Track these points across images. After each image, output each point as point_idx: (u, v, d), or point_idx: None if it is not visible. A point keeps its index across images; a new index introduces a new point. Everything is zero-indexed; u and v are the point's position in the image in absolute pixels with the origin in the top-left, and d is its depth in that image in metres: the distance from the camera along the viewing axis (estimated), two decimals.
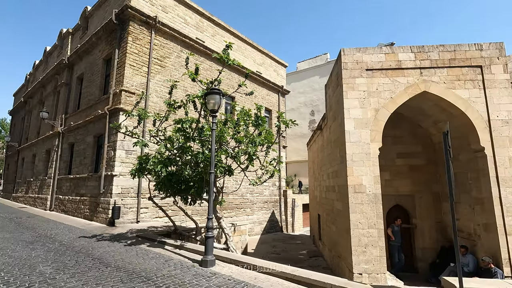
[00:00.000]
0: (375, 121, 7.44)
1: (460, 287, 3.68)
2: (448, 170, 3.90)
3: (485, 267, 6.58)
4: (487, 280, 5.11)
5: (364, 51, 7.81)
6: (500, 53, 7.44)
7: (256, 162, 7.72)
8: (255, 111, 7.92)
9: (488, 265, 6.49)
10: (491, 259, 6.58)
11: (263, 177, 7.81)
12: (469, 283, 4.03)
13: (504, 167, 6.93)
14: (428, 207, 9.13)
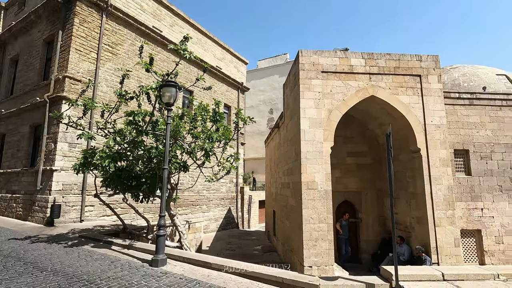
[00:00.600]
0: (328, 121, 7.83)
1: (395, 275, 4.06)
2: (389, 168, 4.25)
3: (417, 255, 7.37)
4: (418, 267, 5.72)
5: (320, 54, 8.14)
6: (435, 64, 8.33)
7: (213, 159, 7.62)
8: (213, 107, 7.79)
9: (420, 254, 7.28)
10: (422, 248, 7.39)
11: (219, 173, 7.73)
12: (403, 271, 4.47)
13: (435, 167, 7.81)
14: (373, 203, 9.92)
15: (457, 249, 7.44)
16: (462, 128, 8.62)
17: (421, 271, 4.54)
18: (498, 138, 8.62)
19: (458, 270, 4.58)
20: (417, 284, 4.08)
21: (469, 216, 8.24)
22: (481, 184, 8.38)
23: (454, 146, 8.52)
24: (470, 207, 8.27)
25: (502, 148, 8.59)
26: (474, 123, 8.66)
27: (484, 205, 8.30)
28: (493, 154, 8.54)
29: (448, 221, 7.57)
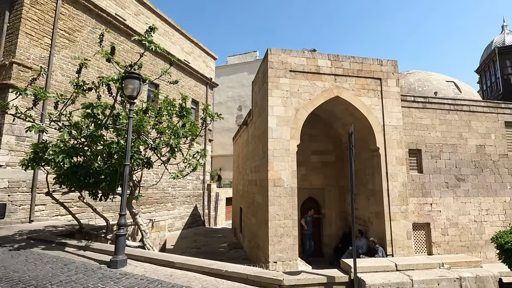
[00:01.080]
0: (295, 119, 7.99)
1: (354, 267, 4.27)
2: (350, 166, 4.45)
3: (372, 247, 7.85)
4: (375, 259, 6.09)
5: (289, 53, 8.26)
6: (394, 69, 8.88)
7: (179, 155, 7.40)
8: (180, 101, 7.56)
9: (373, 245, 7.77)
10: (375, 240, 7.89)
11: (185, 170, 7.54)
12: (361, 263, 4.72)
13: (392, 165, 8.35)
14: (335, 199, 10.35)
15: (409, 241, 8.05)
16: (416, 129, 9.31)
17: (377, 263, 4.84)
18: (446, 139, 9.45)
19: (409, 261, 4.96)
20: (373, 275, 4.34)
21: (420, 210, 8.94)
22: (431, 181, 9.13)
23: (409, 146, 9.17)
24: (421, 202, 8.98)
25: (449, 148, 9.43)
26: (426, 125, 9.40)
27: (433, 201, 9.06)
28: (442, 154, 9.34)
29: (402, 215, 8.15)
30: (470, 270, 4.54)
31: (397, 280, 4.22)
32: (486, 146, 9.71)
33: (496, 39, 33.11)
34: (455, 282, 4.29)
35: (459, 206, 9.19)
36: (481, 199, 9.39)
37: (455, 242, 8.98)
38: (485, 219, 9.28)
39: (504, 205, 9.52)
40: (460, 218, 9.13)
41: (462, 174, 9.39)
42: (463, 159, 9.47)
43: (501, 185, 9.61)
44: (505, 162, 9.76)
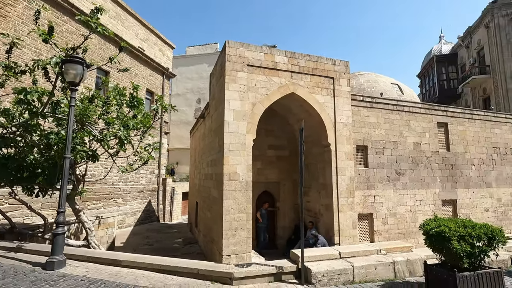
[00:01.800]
0: (251, 114, 8.04)
1: (301, 257, 4.48)
2: (300, 161, 4.62)
3: (314, 240, 8.34)
4: (321, 249, 6.47)
5: (247, 47, 8.24)
6: (346, 69, 9.39)
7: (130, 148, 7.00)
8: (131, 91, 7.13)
9: (315, 238, 8.26)
10: (315, 232, 8.41)
11: (135, 163, 7.16)
12: (308, 253, 4.98)
13: (341, 160, 8.88)
14: (289, 192, 10.71)
15: (354, 230, 8.68)
16: (363, 127, 10.00)
17: (323, 252, 5.15)
18: (389, 136, 10.32)
19: (352, 249, 5.37)
20: (319, 263, 4.61)
21: (365, 202, 9.68)
22: (375, 175, 9.92)
23: (357, 142, 9.82)
24: (366, 195, 9.72)
25: (391, 145, 10.32)
26: (372, 123, 10.14)
27: (376, 193, 9.87)
28: (385, 150, 10.19)
29: (349, 207, 8.74)
30: (402, 254, 5.06)
31: (340, 267, 4.53)
32: (421, 144, 10.83)
33: (434, 48, 36.71)
34: (389, 266, 4.73)
35: (398, 198, 10.15)
36: (416, 191, 10.47)
37: (394, 230, 9.91)
38: (418, 209, 10.39)
39: (434, 196, 10.75)
40: (398, 209, 10.09)
41: (401, 168, 10.36)
42: (402, 155, 10.44)
43: (432, 179, 10.82)
44: (436, 158, 10.99)
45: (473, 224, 4.56)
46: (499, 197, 12.03)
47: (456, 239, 4.22)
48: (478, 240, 4.33)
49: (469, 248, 4.21)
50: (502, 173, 12.18)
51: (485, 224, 4.71)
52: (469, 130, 11.81)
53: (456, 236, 4.25)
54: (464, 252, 4.16)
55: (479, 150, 11.91)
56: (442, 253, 4.50)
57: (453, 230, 4.31)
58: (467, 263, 4.23)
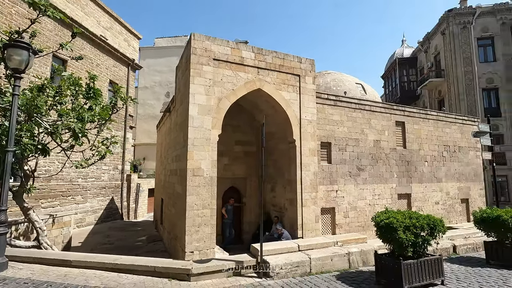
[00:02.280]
0: (217, 109, 7.94)
1: (260, 250, 4.53)
2: (262, 156, 4.66)
3: (279, 233, 8.51)
4: (281, 242, 6.60)
5: (213, 40, 8.11)
6: (311, 67, 9.60)
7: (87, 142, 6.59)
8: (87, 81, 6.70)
9: (279, 232, 8.44)
10: (280, 227, 8.58)
11: (92, 158, 6.77)
12: (268, 246, 5.07)
13: (306, 156, 9.10)
14: (256, 188, 10.79)
15: (317, 224, 8.97)
16: (328, 124, 10.32)
17: (282, 245, 5.26)
18: (351, 134, 10.76)
19: (310, 242, 5.55)
20: (278, 257, 4.71)
21: (327, 196, 10.03)
22: (337, 171, 10.31)
23: (321, 139, 10.12)
24: (329, 190, 10.08)
25: (353, 142, 10.78)
26: (336, 121, 10.51)
27: (338, 188, 10.27)
28: (347, 147, 10.62)
29: (312, 202, 9.01)
30: (357, 246, 5.33)
31: (298, 259, 4.66)
32: (381, 141, 11.43)
33: (397, 51, 38.77)
34: (344, 257, 4.96)
35: (358, 192, 10.65)
36: (375, 186, 11.07)
37: (354, 223, 10.40)
38: (377, 203, 10.99)
39: (391, 190, 11.43)
40: (359, 203, 10.59)
41: (362, 164, 10.88)
42: (363, 152, 10.95)
43: (390, 174, 11.49)
44: (394, 155, 11.68)
45: (417, 216, 4.94)
46: (448, 191, 13.10)
47: (402, 230, 4.54)
48: (421, 230, 4.69)
49: (413, 237, 4.55)
50: (450, 169, 13.26)
51: (428, 215, 5.12)
52: (423, 129, 12.69)
53: (402, 227, 4.57)
54: (409, 241, 4.50)
55: (432, 148, 12.85)
56: (390, 243, 4.83)
57: (400, 221, 4.63)
58: (411, 251, 4.58)
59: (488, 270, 6.36)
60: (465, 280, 5.67)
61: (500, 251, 6.52)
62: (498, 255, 6.67)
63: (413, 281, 4.54)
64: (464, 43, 26.32)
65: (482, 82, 25.55)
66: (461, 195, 13.53)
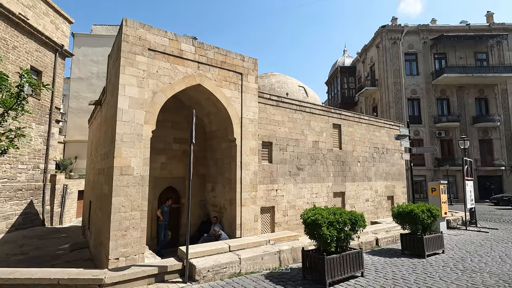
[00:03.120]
0: (151, 103, 7.38)
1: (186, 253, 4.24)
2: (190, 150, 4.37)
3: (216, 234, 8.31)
4: (211, 243, 6.36)
5: (148, 29, 7.53)
6: (254, 66, 9.59)
7: None
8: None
9: (216, 232, 8.25)
10: (217, 228, 8.40)
11: None
12: (197, 248, 4.80)
13: (246, 155, 9.03)
14: (196, 188, 10.35)
15: (255, 223, 8.95)
16: (269, 124, 10.43)
17: (212, 247, 5.05)
18: (292, 134, 11.06)
19: (242, 241, 5.44)
20: (206, 259, 4.47)
21: (267, 196, 10.12)
22: (277, 170, 10.48)
23: (263, 139, 10.18)
24: (269, 189, 10.18)
25: (294, 142, 11.09)
26: (278, 121, 10.68)
27: (278, 187, 10.45)
28: (288, 147, 10.87)
29: (252, 201, 8.97)
30: (288, 243, 5.38)
31: (227, 260, 4.49)
32: (319, 142, 11.99)
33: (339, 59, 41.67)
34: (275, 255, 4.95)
35: (297, 191, 10.98)
36: (313, 184, 11.55)
37: (292, 221, 10.68)
38: (314, 201, 11.47)
39: (328, 189, 12.07)
40: (297, 201, 10.92)
41: (302, 164, 11.25)
42: (303, 152, 11.34)
43: (327, 173, 12.11)
44: (331, 155, 12.35)
45: (341, 212, 5.20)
46: (377, 189, 14.37)
47: (325, 226, 4.71)
48: (344, 225, 4.94)
49: (336, 233, 4.76)
50: (379, 169, 14.57)
51: (351, 211, 5.44)
52: (357, 131, 13.70)
53: (326, 223, 4.75)
54: (332, 236, 4.70)
55: (364, 149, 13.94)
56: (316, 239, 4.99)
57: (325, 218, 4.81)
58: (334, 246, 4.79)
59: (402, 260, 7.07)
60: (382, 270, 6.18)
61: (413, 242, 7.31)
62: (411, 246, 7.47)
63: (335, 274, 4.75)
64: (394, 56, 29.42)
65: (408, 93, 28.86)
66: (388, 192, 14.95)
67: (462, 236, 9.49)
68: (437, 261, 6.94)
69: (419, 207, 7.17)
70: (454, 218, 11.78)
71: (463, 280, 5.48)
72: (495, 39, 28.60)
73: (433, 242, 7.38)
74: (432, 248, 7.46)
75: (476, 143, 28.02)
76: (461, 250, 8.11)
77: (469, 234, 9.81)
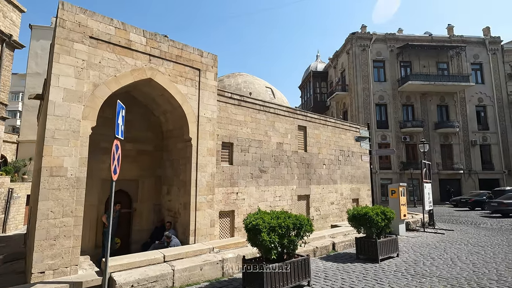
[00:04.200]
0: (92, 97, 6.66)
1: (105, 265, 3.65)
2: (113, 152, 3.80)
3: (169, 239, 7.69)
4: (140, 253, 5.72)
5: (91, 15, 6.82)
6: (214, 63, 9.12)
7: None
8: None
9: (167, 239, 7.64)
10: (169, 234, 7.79)
11: None
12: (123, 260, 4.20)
13: (202, 156, 8.50)
14: (150, 191, 9.64)
15: (212, 229, 8.41)
16: (230, 124, 9.97)
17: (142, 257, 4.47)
18: (255, 135, 10.68)
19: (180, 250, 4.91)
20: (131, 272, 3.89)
21: (227, 199, 9.62)
22: (239, 172, 10.02)
23: (223, 139, 9.70)
24: (228, 192, 9.69)
25: (257, 143, 10.71)
26: (240, 121, 10.26)
27: (239, 190, 9.99)
28: (250, 148, 10.47)
29: (208, 205, 8.43)
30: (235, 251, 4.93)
31: (157, 272, 3.95)
32: (284, 144, 11.71)
33: (312, 64, 42.25)
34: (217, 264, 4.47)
35: (259, 194, 10.58)
36: (276, 187, 11.22)
37: None
38: (277, 204, 11.14)
39: (292, 192, 11.79)
40: (260, 205, 10.51)
41: (265, 166, 10.89)
42: (266, 154, 10.99)
43: (291, 176, 11.85)
44: (295, 158, 12.12)
45: (286, 216, 4.84)
46: (342, 192, 14.36)
47: (266, 231, 4.32)
48: (287, 230, 4.56)
49: (277, 239, 4.37)
50: (344, 172, 14.59)
51: (296, 215, 5.10)
52: (323, 134, 13.62)
53: (267, 228, 4.35)
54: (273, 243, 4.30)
55: (330, 152, 13.89)
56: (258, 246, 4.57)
57: (266, 223, 4.41)
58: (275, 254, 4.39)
59: (355, 265, 6.84)
60: (332, 277, 5.87)
61: (367, 246, 7.13)
62: (365, 250, 7.29)
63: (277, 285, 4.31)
64: (363, 63, 30.24)
65: (376, 98, 29.74)
66: (353, 195, 15.01)
67: (419, 238, 9.57)
68: (390, 265, 6.79)
69: (374, 210, 7.02)
70: (413, 220, 11.98)
71: (412, 286, 5.31)
72: (455, 50, 30.35)
73: (387, 246, 7.24)
74: (386, 251, 7.33)
75: (438, 148, 29.40)
76: (415, 253, 8.08)
77: (426, 236, 9.95)
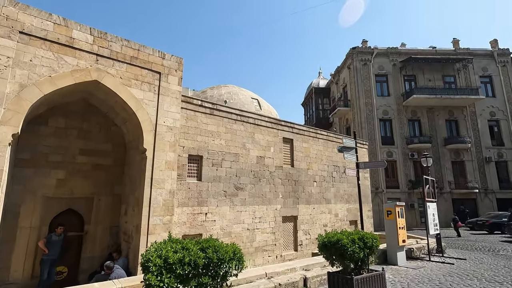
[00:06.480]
0: (16, 99, 5.72)
1: None
2: None
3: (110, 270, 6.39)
4: None
5: (24, 8, 6.04)
6: (178, 66, 8.20)
7: None
8: None
9: (107, 271, 6.35)
10: (109, 265, 6.49)
11: None
12: None
13: (159, 170, 7.36)
14: (106, 211, 8.47)
15: None
16: (200, 134, 8.89)
17: None
18: (230, 148, 9.52)
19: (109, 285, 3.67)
20: None
21: (193, 221, 8.34)
22: (209, 190, 8.79)
23: (190, 151, 8.59)
24: (195, 212, 8.43)
25: (232, 157, 9.53)
26: (211, 132, 9.17)
27: (209, 210, 8.71)
28: (224, 162, 9.29)
29: (164, 227, 7.18)
30: None
31: None
32: (265, 158, 10.49)
33: (314, 81, 41.53)
34: None
35: (235, 215, 9.26)
36: (256, 207, 9.87)
37: None
38: (257, 227, 9.74)
39: (275, 213, 10.40)
40: (234, 227, 9.17)
41: (242, 183, 9.63)
42: (244, 169, 9.77)
43: (274, 194, 10.50)
44: (280, 173, 10.83)
45: (201, 245, 3.52)
46: (336, 213, 12.81)
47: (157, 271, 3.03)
48: (194, 269, 3.25)
49: (176, 284, 3.07)
50: (339, 190, 13.12)
51: (221, 244, 3.79)
52: (313, 147, 12.34)
53: (160, 266, 3.06)
54: None
55: (321, 168, 12.53)
56: None
57: (171, 257, 3.08)
58: None
59: None
60: None
61: (341, 284, 5.39)
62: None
63: None
64: (365, 78, 29.22)
65: (379, 113, 28.37)
66: (350, 216, 13.42)
67: (422, 270, 7.87)
68: None
69: (350, 235, 5.57)
70: (418, 246, 10.29)
71: None
72: (462, 63, 29.07)
73: (369, 284, 5.53)
74: None
75: (449, 165, 27.41)
76: None
77: (431, 267, 8.25)
